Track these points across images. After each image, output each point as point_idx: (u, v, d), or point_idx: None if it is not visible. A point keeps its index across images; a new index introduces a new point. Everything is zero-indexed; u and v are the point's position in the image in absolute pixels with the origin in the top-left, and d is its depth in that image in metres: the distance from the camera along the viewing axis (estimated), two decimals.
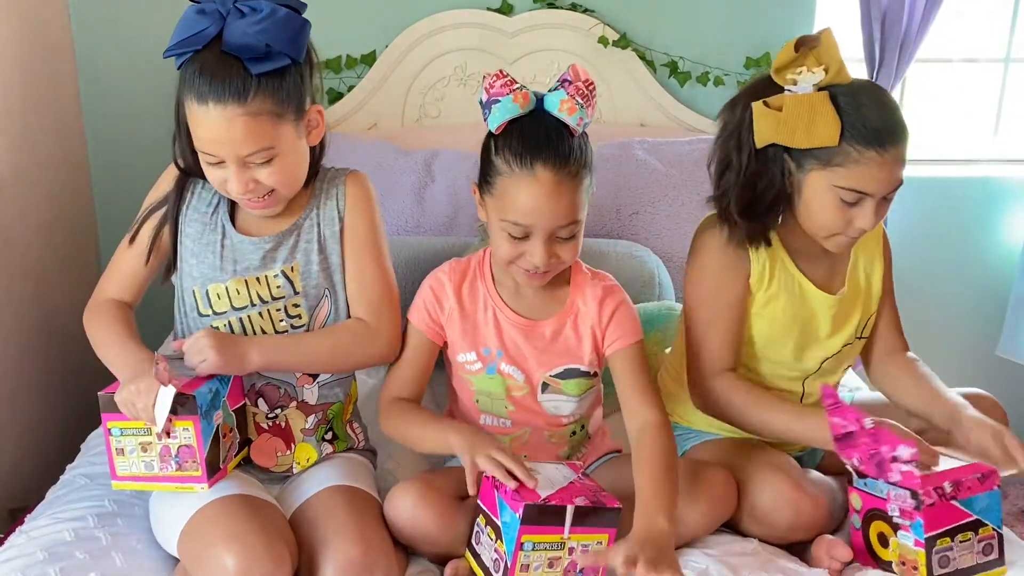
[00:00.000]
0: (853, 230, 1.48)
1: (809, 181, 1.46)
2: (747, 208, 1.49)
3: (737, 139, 1.49)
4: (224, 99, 1.34)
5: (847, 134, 1.41)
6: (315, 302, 1.51)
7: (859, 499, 1.46)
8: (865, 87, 1.45)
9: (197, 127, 1.37)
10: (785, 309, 1.56)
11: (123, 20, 2.47)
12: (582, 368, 1.54)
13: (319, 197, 1.53)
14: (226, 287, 1.49)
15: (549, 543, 1.32)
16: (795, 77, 1.44)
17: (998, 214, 2.71)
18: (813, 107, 1.41)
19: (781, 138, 1.44)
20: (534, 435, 1.57)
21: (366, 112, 2.54)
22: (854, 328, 1.63)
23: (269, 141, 1.38)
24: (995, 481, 1.41)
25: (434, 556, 1.46)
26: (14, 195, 2.23)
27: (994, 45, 2.75)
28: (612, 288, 1.54)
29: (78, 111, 2.55)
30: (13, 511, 2.09)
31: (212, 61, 1.35)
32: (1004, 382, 2.65)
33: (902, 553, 1.40)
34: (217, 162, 1.39)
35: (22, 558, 1.37)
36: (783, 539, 1.50)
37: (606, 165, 2.34)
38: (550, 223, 1.40)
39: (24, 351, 2.26)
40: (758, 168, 1.48)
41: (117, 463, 1.41)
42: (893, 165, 1.42)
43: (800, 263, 1.57)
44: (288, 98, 1.39)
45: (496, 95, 1.41)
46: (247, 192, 1.41)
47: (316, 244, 1.52)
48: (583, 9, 2.53)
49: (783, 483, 1.48)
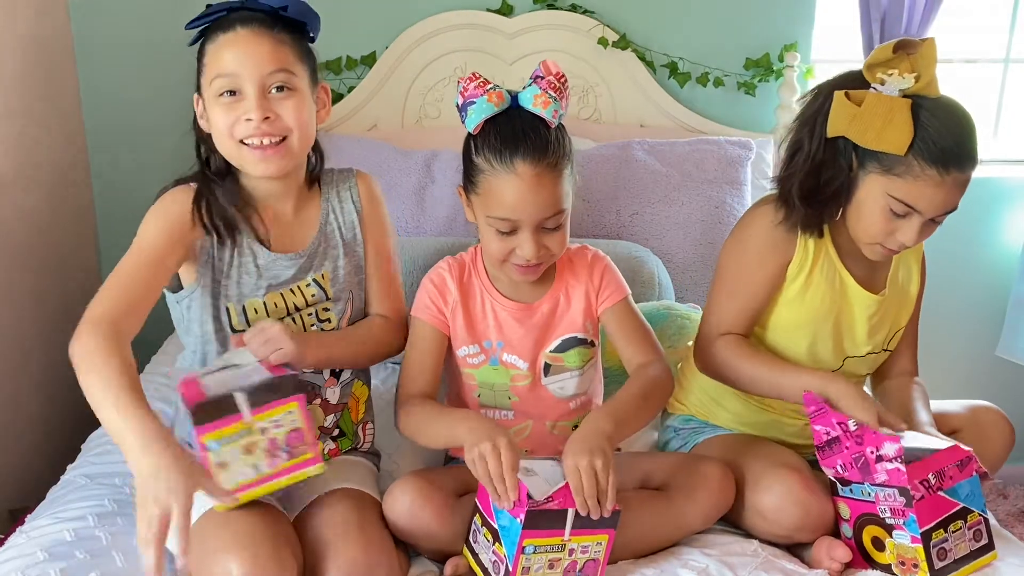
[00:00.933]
0: (894, 242, 1.48)
1: (866, 182, 1.46)
2: (809, 194, 1.49)
3: (812, 125, 1.49)
4: (251, 23, 1.39)
5: (915, 146, 1.40)
6: (343, 305, 1.53)
7: (846, 508, 1.46)
8: (949, 106, 1.44)
9: (221, 52, 1.39)
10: (824, 298, 1.57)
11: (123, 20, 2.47)
12: (579, 336, 1.56)
13: (332, 200, 1.55)
14: (263, 302, 1.49)
15: (550, 545, 1.32)
16: (884, 77, 1.43)
17: (998, 214, 2.71)
18: (892, 110, 1.40)
19: (852, 133, 1.43)
20: (536, 427, 1.58)
21: (366, 113, 2.54)
22: (884, 336, 1.63)
23: (291, 66, 1.41)
24: (974, 466, 1.42)
25: (433, 553, 1.46)
26: (14, 195, 2.23)
27: (994, 45, 2.75)
28: (596, 254, 1.60)
29: (78, 111, 2.55)
30: (13, 511, 2.09)
31: (238, 9, 1.41)
32: (1004, 383, 2.67)
33: (900, 553, 1.40)
34: (232, 88, 1.39)
35: (22, 558, 1.37)
36: (788, 539, 1.50)
37: (606, 165, 2.34)
38: (535, 215, 1.42)
39: (24, 351, 2.26)
40: (826, 157, 1.48)
41: (221, 479, 1.27)
42: (951, 189, 1.42)
43: (845, 260, 1.57)
44: (305, 55, 1.45)
45: (471, 97, 1.44)
46: (264, 121, 1.39)
47: (341, 248, 1.54)
48: (583, 10, 2.53)
49: (793, 482, 1.46)
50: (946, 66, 2.79)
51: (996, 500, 2.80)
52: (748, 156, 2.40)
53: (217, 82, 1.40)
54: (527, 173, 1.40)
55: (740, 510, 1.51)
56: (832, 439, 1.43)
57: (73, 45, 2.50)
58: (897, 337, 1.66)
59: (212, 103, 1.42)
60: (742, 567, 1.42)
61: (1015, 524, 2.66)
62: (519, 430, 1.58)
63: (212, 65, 1.41)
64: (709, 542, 1.50)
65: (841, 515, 1.47)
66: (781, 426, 1.65)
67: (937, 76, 1.44)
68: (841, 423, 1.42)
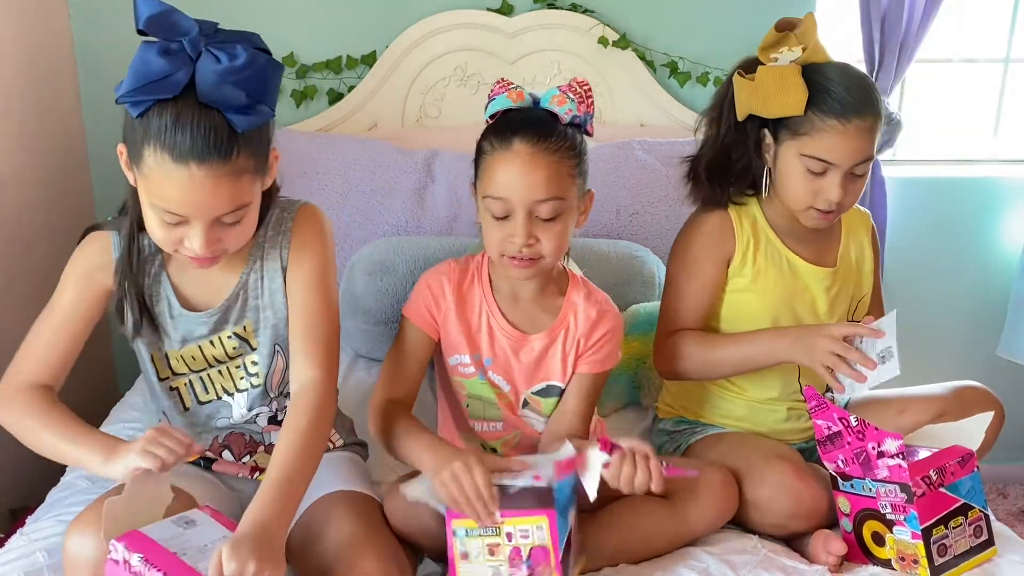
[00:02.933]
0: (822, 201, 1.54)
1: (782, 152, 1.55)
2: (716, 171, 1.62)
3: (719, 111, 1.62)
4: (208, 158, 1.19)
5: (812, 104, 1.50)
6: (271, 358, 1.45)
7: (847, 502, 1.46)
8: (837, 65, 1.54)
9: (167, 186, 1.21)
10: (776, 282, 1.62)
11: (123, 20, 2.46)
12: (561, 386, 1.55)
13: (263, 247, 1.41)
14: (180, 354, 1.43)
15: (483, 529, 1.28)
16: (776, 55, 1.55)
17: (998, 214, 2.71)
18: (783, 77, 1.51)
19: (754, 106, 1.54)
20: (525, 438, 1.58)
21: (366, 112, 2.54)
22: (847, 308, 1.67)
23: (248, 198, 1.27)
24: (975, 463, 1.43)
25: (434, 551, 1.45)
26: (14, 195, 2.23)
27: (994, 45, 2.75)
28: (607, 312, 1.55)
29: (78, 111, 2.55)
30: (13, 511, 2.09)
31: (189, 113, 1.19)
32: (1004, 382, 2.65)
33: (900, 548, 1.41)
34: (178, 222, 1.25)
35: (23, 560, 1.37)
36: (784, 528, 1.51)
37: (606, 165, 2.34)
38: (526, 195, 1.40)
39: None
40: (735, 139, 1.60)
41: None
42: (856, 136, 1.49)
43: (788, 242, 1.64)
44: (263, 151, 1.29)
45: (494, 95, 1.48)
46: (207, 249, 1.27)
47: (264, 300, 1.42)
48: (583, 9, 2.53)
49: (785, 471, 1.50)
50: (946, 66, 2.80)
51: (996, 499, 2.80)
52: None
53: (159, 209, 1.24)
54: (523, 151, 1.40)
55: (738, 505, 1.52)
56: (833, 434, 1.44)
57: (73, 45, 2.50)
58: (863, 306, 1.70)
59: (148, 207, 1.26)
60: (743, 566, 1.42)
61: (1015, 523, 2.66)
62: (508, 440, 1.58)
63: (155, 186, 1.22)
64: (710, 539, 1.51)
65: (841, 510, 1.48)
66: (765, 414, 1.68)
67: (823, 44, 1.54)
68: (843, 418, 1.42)
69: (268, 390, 1.47)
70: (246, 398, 1.47)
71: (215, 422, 1.49)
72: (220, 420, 1.48)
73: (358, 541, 1.32)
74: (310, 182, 2.27)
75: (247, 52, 1.21)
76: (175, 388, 1.46)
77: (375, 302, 2.05)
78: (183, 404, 1.47)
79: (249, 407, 1.48)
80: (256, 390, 1.47)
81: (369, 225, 2.27)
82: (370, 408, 1.51)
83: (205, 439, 1.49)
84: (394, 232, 2.27)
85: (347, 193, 2.28)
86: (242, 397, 1.47)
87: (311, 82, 2.54)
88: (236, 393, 1.47)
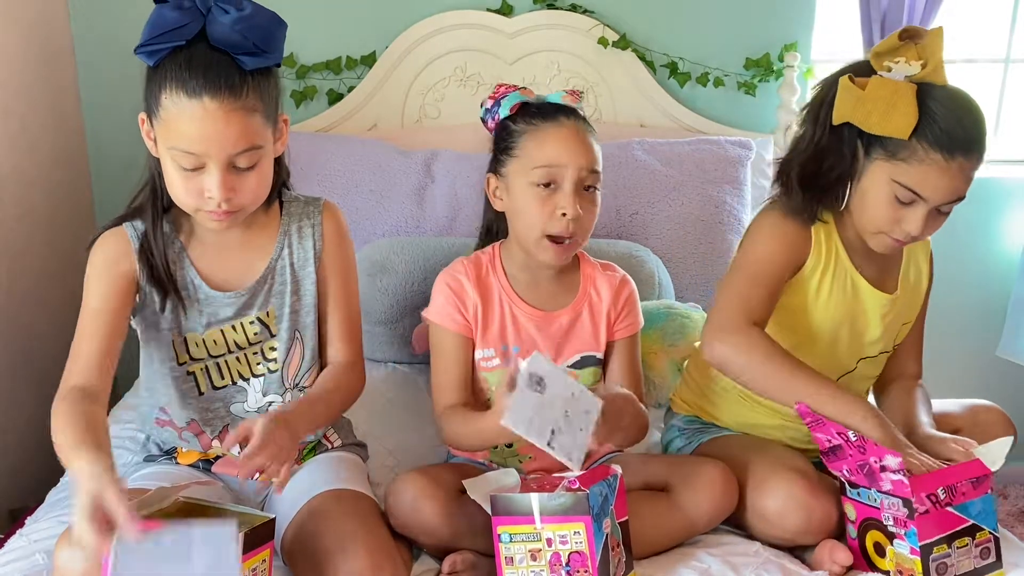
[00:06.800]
0: (900, 232, 1.46)
1: (871, 170, 1.45)
2: (808, 179, 1.49)
3: (817, 112, 1.48)
4: (220, 92, 1.27)
5: (920, 131, 1.38)
6: (289, 345, 1.49)
7: (853, 509, 1.45)
8: (953, 91, 1.43)
9: (183, 122, 1.28)
10: (838, 306, 1.55)
11: (123, 21, 2.46)
12: (597, 355, 1.58)
13: (290, 234, 1.49)
14: (203, 338, 1.46)
15: (525, 534, 1.31)
16: (891, 64, 1.43)
17: (998, 215, 2.71)
18: (896, 94, 1.39)
19: (857, 117, 1.42)
20: None
21: (366, 113, 2.54)
22: (895, 332, 1.61)
23: (259, 140, 1.33)
24: (989, 485, 1.40)
25: (434, 549, 1.46)
26: (14, 195, 2.23)
27: (994, 45, 2.75)
28: (624, 278, 1.63)
29: (78, 111, 2.55)
30: (13, 511, 2.09)
31: (201, 54, 1.28)
32: (1004, 383, 2.66)
33: (899, 562, 1.39)
34: (196, 166, 1.31)
35: (22, 561, 1.37)
36: (791, 542, 1.49)
37: (606, 165, 2.31)
38: (580, 160, 1.49)
39: (24, 351, 2.26)
40: (830, 144, 1.47)
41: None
42: (956, 176, 1.40)
43: (855, 259, 1.56)
44: (272, 100, 1.36)
45: (502, 94, 1.53)
46: (225, 199, 1.32)
47: (290, 287, 1.48)
48: (583, 10, 2.53)
49: (797, 486, 1.45)
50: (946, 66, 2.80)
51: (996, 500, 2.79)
52: (748, 156, 2.40)
53: (177, 152, 1.31)
54: (571, 125, 1.51)
55: (743, 512, 1.50)
56: (834, 447, 1.42)
57: (73, 45, 2.50)
58: (904, 331, 1.64)
59: (167, 160, 1.34)
60: (744, 567, 1.42)
61: (1015, 524, 2.66)
62: None
63: (172, 127, 1.30)
64: (712, 542, 1.50)
65: (848, 516, 1.46)
66: (784, 429, 1.63)
67: (944, 64, 1.43)
68: (841, 433, 1.39)
69: (284, 379, 1.50)
70: (262, 383, 1.50)
71: (229, 407, 1.50)
72: (234, 405, 1.50)
73: (350, 539, 1.33)
74: (310, 182, 2.26)
75: (252, 5, 1.32)
76: (192, 372, 1.48)
77: (375, 302, 2.05)
78: (198, 389, 1.49)
79: (264, 392, 1.50)
80: (273, 375, 1.49)
81: (369, 225, 2.27)
82: (437, 423, 1.56)
83: (215, 426, 1.50)
84: (394, 232, 2.27)
85: (347, 193, 2.28)
86: (258, 382, 1.50)
87: (311, 82, 2.54)
88: (252, 378, 1.49)
